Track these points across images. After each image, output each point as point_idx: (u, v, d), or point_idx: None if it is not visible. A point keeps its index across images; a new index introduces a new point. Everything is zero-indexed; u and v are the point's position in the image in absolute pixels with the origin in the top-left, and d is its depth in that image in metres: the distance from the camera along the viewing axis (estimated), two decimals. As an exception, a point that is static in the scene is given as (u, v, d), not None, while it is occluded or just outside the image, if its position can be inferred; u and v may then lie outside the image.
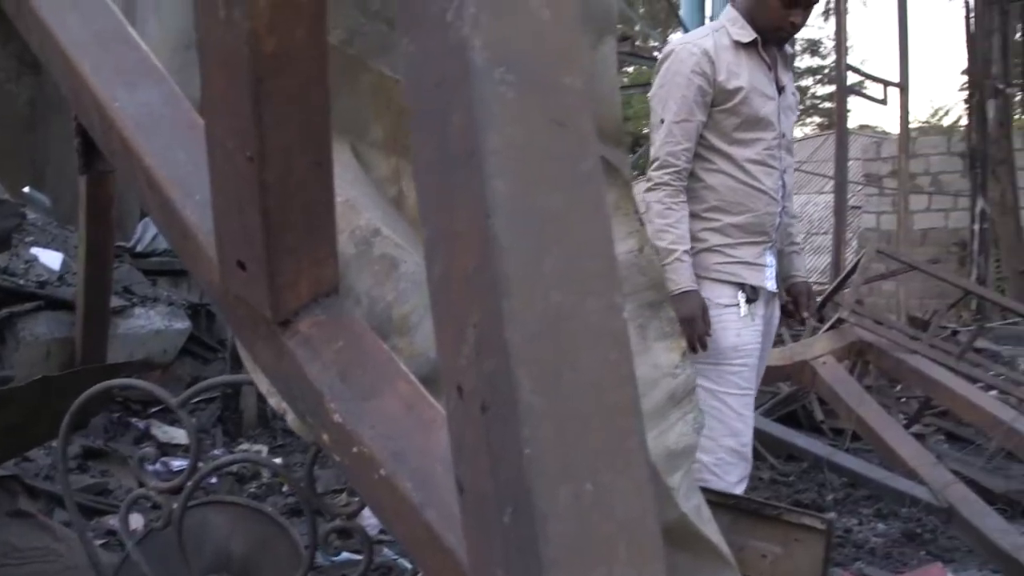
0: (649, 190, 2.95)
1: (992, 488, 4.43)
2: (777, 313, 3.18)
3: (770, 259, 3.05)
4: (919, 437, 5.15)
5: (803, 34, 38.52)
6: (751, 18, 3.00)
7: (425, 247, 0.68)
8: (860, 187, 17.01)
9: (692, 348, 2.83)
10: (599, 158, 0.64)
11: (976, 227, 12.45)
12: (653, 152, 2.98)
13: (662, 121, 2.95)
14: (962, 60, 13.23)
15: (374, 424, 0.98)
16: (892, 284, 11.29)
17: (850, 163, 16.70)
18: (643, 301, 1.42)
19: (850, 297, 4.89)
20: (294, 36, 0.90)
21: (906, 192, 11.12)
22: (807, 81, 40.61)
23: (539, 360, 0.60)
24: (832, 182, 10.00)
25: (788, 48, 3.18)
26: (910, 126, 13.13)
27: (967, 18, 12.82)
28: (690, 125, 2.93)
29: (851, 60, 11.09)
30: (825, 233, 13.04)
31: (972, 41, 12.76)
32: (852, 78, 10.82)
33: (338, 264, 1.07)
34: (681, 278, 2.87)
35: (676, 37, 2.64)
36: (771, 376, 4.78)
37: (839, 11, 10.07)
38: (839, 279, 5.66)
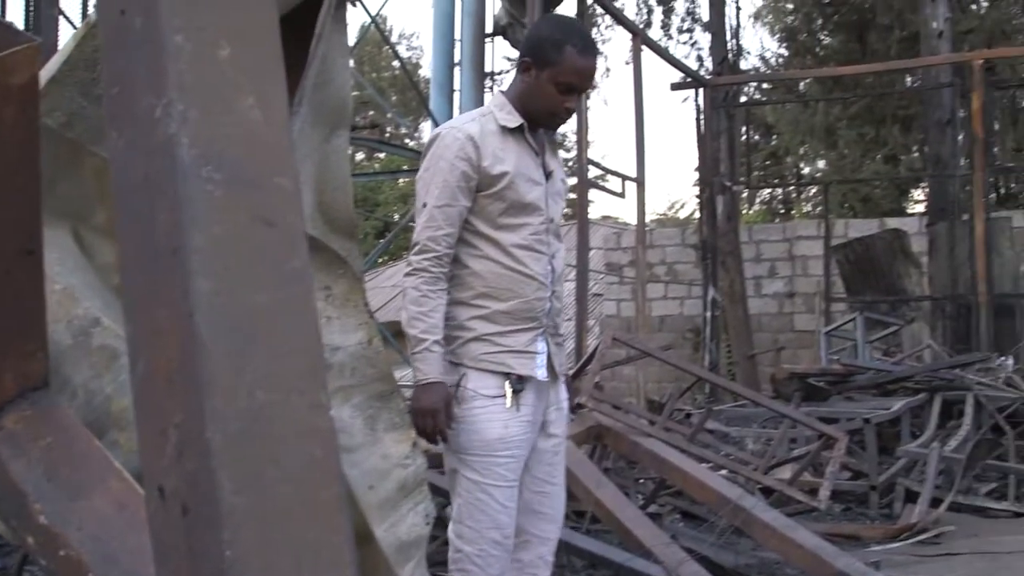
0: (407, 275, 2.84)
1: (723, 563, 4.63)
2: (562, 397, 3.12)
3: (541, 346, 2.97)
4: (655, 517, 5.34)
5: (549, 128, 40.08)
6: (523, 104, 2.99)
7: (128, 345, 0.66)
8: (602, 276, 17.72)
9: (432, 440, 2.76)
10: (308, 258, 0.65)
11: (708, 314, 13.18)
12: (414, 236, 2.89)
13: (424, 205, 2.86)
14: (695, 158, 14.09)
15: (82, 525, 0.93)
16: (632, 369, 11.75)
17: (592, 252, 17.41)
18: (372, 392, 1.42)
19: (588, 383, 5.05)
20: (1, 117, 0.86)
21: (643, 281, 11.63)
22: (553, 172, 42.17)
23: (242, 460, 0.60)
24: (575, 270, 10.34)
25: (556, 135, 3.19)
26: (648, 218, 13.82)
27: (698, 120, 13.71)
28: (452, 210, 2.86)
29: (592, 154, 11.58)
30: (569, 320, 13.46)
31: (702, 141, 13.64)
32: (593, 172, 11.31)
33: (49, 356, 1.02)
34: (429, 368, 2.76)
35: (427, 126, 2.61)
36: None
37: (580, 108, 10.53)
38: (578, 365, 5.84)
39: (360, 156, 38.97)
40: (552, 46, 2.93)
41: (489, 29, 10.92)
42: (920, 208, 22.16)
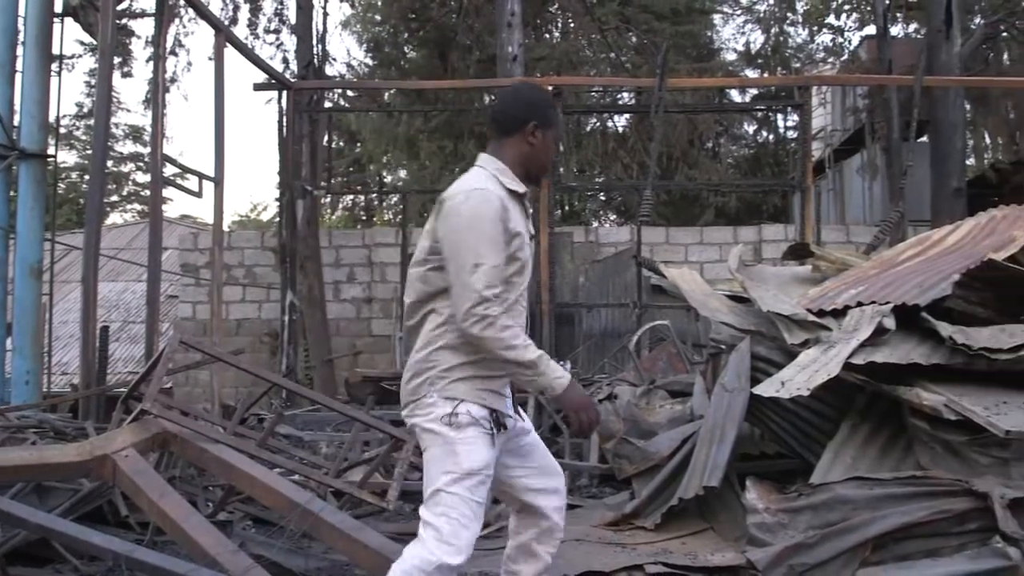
0: (487, 327, 3.08)
1: (293, 568, 4.63)
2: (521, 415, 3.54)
3: (507, 390, 3.36)
4: (225, 524, 5.22)
5: (126, 119, 38.16)
6: (526, 166, 3.34)
7: None
8: (177, 277, 17.12)
9: (587, 433, 3.40)
10: None
11: (286, 318, 13.09)
12: (474, 296, 3.07)
13: (476, 266, 3.06)
14: (277, 161, 13.92)
15: None
16: (208, 373, 11.44)
17: (167, 252, 16.76)
18: None
19: (153, 388, 4.82)
20: None
21: (220, 283, 11.35)
22: (129, 167, 40.27)
23: None
24: (147, 270, 9.89)
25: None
26: (229, 220, 13.49)
27: (280, 123, 13.57)
28: (499, 270, 3.12)
29: (169, 151, 11.16)
30: (142, 322, 12.88)
31: (284, 144, 13.52)
32: (170, 169, 10.88)
33: None
34: (560, 371, 3.19)
35: None
36: (71, 472, 4.55)
37: (156, 102, 10.09)
38: (144, 370, 5.58)
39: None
40: (551, 108, 3.44)
41: (59, 9, 10.19)
42: (492, 220, 23.22)
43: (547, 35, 24.42)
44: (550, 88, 13.02)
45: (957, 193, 14.38)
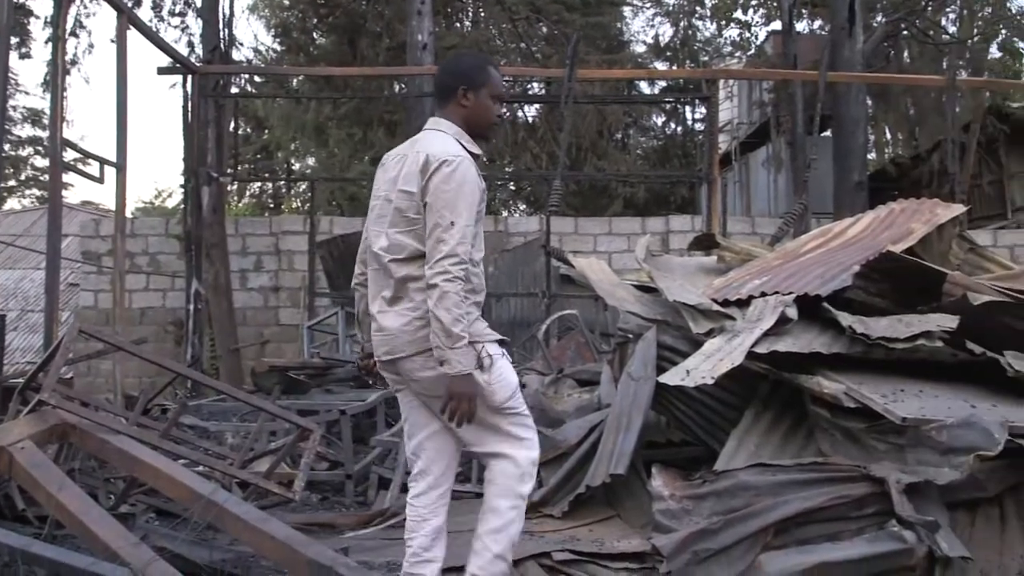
0: (448, 280, 3.34)
1: (197, 560, 4.54)
2: None
3: None
4: (128, 517, 5.12)
5: (24, 102, 37.02)
6: (469, 125, 3.66)
7: None
8: (78, 264, 16.70)
9: (460, 423, 3.43)
10: None
11: (191, 307, 12.85)
12: (449, 248, 3.36)
13: (452, 223, 3.38)
14: (183, 147, 13.65)
15: None
16: (110, 363, 11.18)
17: (68, 240, 16.34)
18: None
19: (51, 378, 4.70)
20: None
21: (122, 271, 11.10)
22: (27, 151, 39.16)
23: None
24: (45, 258, 9.62)
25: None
26: (133, 206, 13.19)
27: (185, 108, 13.30)
28: (472, 229, 3.43)
29: (70, 135, 10.85)
30: (41, 311, 12.54)
31: (189, 130, 13.26)
32: (71, 154, 10.59)
33: None
34: (468, 361, 3.39)
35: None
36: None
37: (56, 84, 9.82)
38: (43, 360, 5.45)
39: None
40: (478, 70, 3.70)
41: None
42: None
43: (457, 24, 24.36)
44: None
45: (859, 186, 14.71)
